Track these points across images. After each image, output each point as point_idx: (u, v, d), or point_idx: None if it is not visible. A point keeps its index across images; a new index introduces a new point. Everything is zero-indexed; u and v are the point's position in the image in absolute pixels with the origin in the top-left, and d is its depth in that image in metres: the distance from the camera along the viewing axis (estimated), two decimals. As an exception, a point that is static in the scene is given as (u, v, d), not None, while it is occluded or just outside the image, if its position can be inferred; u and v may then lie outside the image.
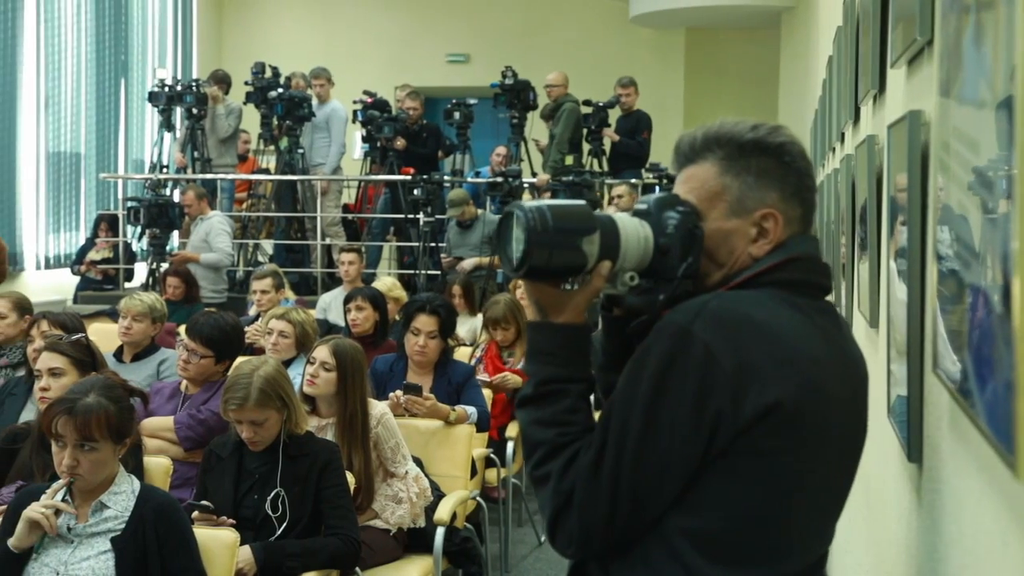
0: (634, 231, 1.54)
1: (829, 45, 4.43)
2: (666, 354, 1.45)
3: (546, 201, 1.50)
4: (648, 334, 1.51)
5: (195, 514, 3.11)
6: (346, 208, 9.85)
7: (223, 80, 9.74)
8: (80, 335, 3.72)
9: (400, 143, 9.16)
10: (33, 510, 2.65)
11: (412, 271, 8.67)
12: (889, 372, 2.02)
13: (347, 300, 5.63)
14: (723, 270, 1.58)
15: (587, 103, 9.41)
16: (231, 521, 3.14)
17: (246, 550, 3.12)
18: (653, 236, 1.55)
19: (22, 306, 5.02)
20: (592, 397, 1.61)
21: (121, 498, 2.74)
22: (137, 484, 2.80)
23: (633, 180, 8.92)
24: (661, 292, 1.55)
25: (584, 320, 1.58)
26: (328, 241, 9.25)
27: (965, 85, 1.27)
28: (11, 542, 2.65)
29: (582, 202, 1.56)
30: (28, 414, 4.01)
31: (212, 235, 8.08)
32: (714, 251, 1.57)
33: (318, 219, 9.16)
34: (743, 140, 1.57)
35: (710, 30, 12.20)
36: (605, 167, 9.58)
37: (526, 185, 8.55)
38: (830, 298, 1.63)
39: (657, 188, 8.36)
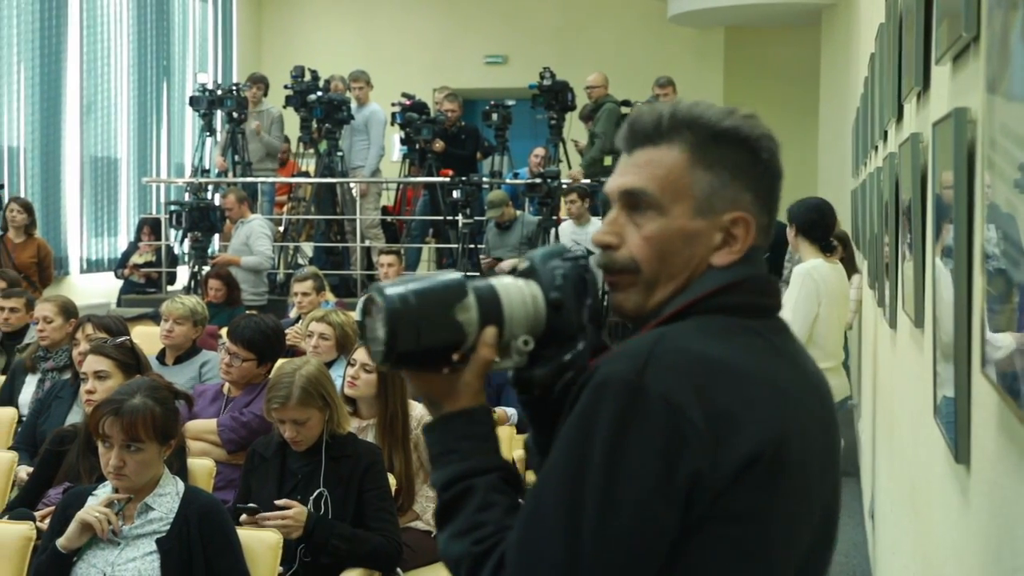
0: (516, 290, 1.34)
1: (871, 42, 4.39)
2: (616, 416, 1.18)
3: (411, 284, 1.30)
4: (578, 393, 1.24)
5: (243, 518, 3.13)
6: (385, 210, 9.88)
7: (260, 81, 9.80)
8: (125, 338, 3.76)
9: (439, 145, 9.18)
10: (88, 512, 2.68)
11: (451, 273, 8.68)
12: (935, 373, 1.99)
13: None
14: (674, 282, 1.32)
15: (626, 103, 9.38)
16: (285, 501, 3.16)
17: (301, 508, 3.14)
18: (542, 293, 1.35)
19: (67, 310, 5.09)
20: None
21: (166, 500, 2.77)
22: (182, 486, 2.83)
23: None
24: (567, 353, 1.34)
25: (482, 401, 1.33)
26: (367, 243, 9.29)
27: (1013, 81, 1.25)
28: (60, 542, 2.68)
29: (451, 274, 1.36)
30: (74, 417, 4.06)
31: (252, 238, 8.13)
32: (671, 255, 1.31)
33: (357, 221, 9.20)
34: (719, 127, 1.32)
35: (750, 29, 12.13)
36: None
37: (564, 185, 8.53)
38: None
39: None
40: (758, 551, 1.22)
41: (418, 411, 3.90)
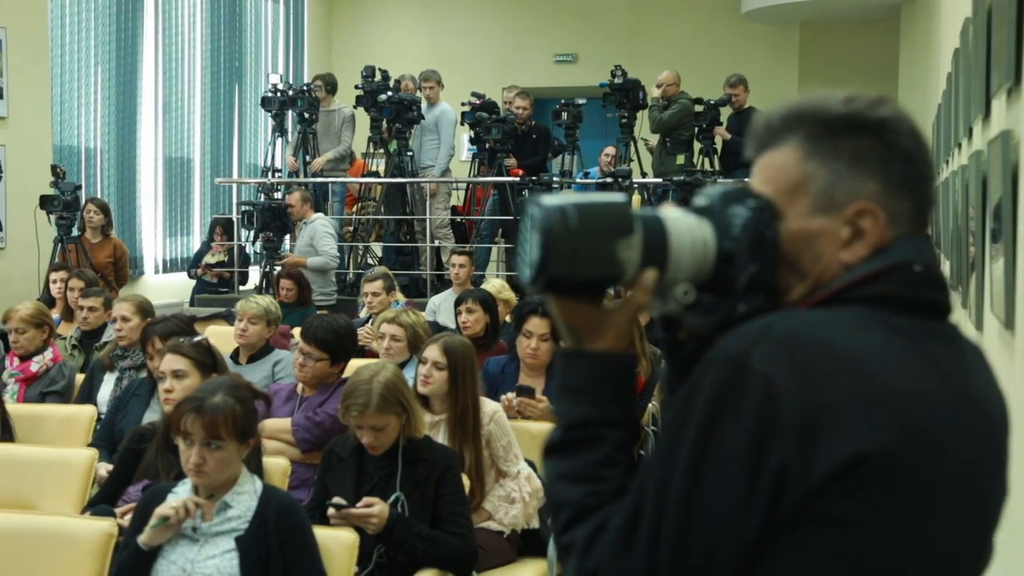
0: (688, 232, 1.22)
1: (955, 37, 4.28)
2: (715, 393, 1.13)
3: (572, 196, 1.20)
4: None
5: (331, 512, 3.14)
6: (454, 210, 9.90)
7: (329, 82, 9.87)
8: (202, 337, 3.79)
9: (511, 162, 9.15)
10: (166, 505, 2.71)
11: (521, 273, 8.66)
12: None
13: (458, 302, 5.65)
14: (807, 282, 1.23)
15: (698, 101, 9.29)
16: (368, 500, 3.17)
17: (384, 506, 3.16)
18: (715, 239, 1.22)
19: (144, 309, 5.15)
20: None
21: (244, 498, 2.78)
22: (259, 484, 2.85)
23: (746, 179, 8.76)
24: (725, 311, 1.22)
25: (626, 348, 1.26)
26: (437, 243, 9.31)
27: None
28: (141, 539, 2.71)
29: (619, 196, 1.23)
30: (151, 415, 4.11)
31: (316, 238, 8.18)
32: (795, 258, 1.23)
33: (427, 221, 9.22)
34: (832, 116, 1.24)
35: (825, 24, 11.95)
36: (716, 166, 9.45)
37: (635, 185, 8.46)
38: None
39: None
40: (850, 566, 1.12)
41: (489, 407, 3.89)
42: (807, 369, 1.12)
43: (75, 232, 7.99)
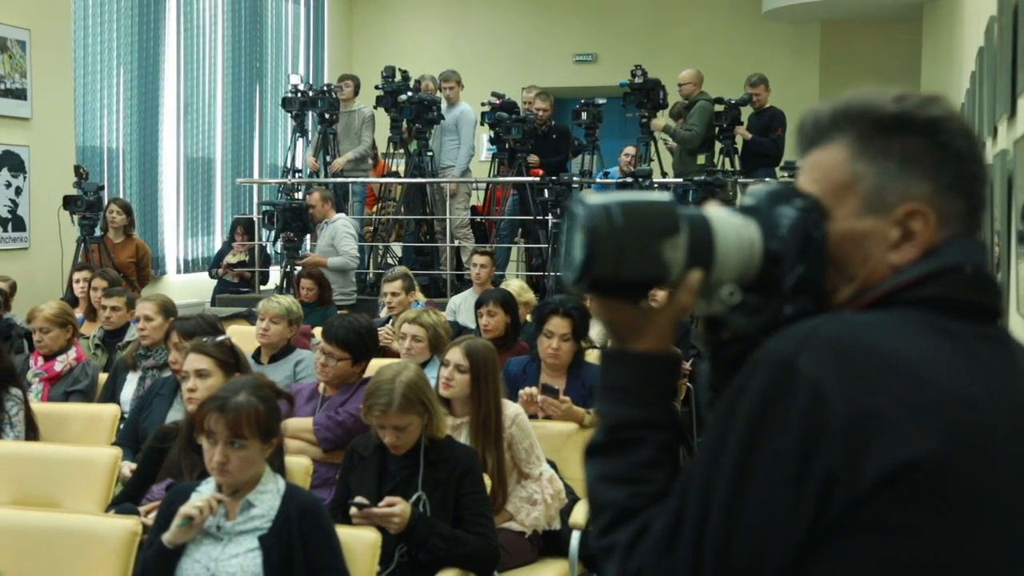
0: (734, 232, 1.20)
1: (979, 36, 4.25)
2: (761, 396, 1.11)
3: (617, 195, 1.17)
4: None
5: (352, 511, 3.15)
6: (474, 210, 9.90)
7: (357, 82, 9.90)
8: (224, 336, 3.81)
9: (533, 159, 9.16)
10: (190, 504, 2.73)
11: (541, 273, 8.67)
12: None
13: (479, 304, 5.65)
14: (853, 284, 1.21)
15: (719, 101, 9.27)
16: (390, 499, 3.18)
17: (406, 505, 3.17)
18: (761, 239, 1.20)
19: (167, 309, 5.18)
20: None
21: (267, 497, 2.79)
22: (282, 484, 2.86)
23: (767, 179, 8.75)
24: (770, 312, 1.20)
25: (670, 348, 1.24)
26: (457, 243, 9.32)
27: None
28: (166, 538, 2.72)
29: (664, 195, 1.22)
30: (175, 414, 4.13)
31: (337, 239, 8.19)
32: (843, 260, 1.21)
33: (447, 221, 9.23)
34: (883, 114, 1.22)
35: (847, 23, 11.89)
36: (737, 166, 9.43)
37: (655, 185, 8.45)
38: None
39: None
40: (902, 571, 1.09)
41: (511, 410, 3.89)
42: (855, 373, 1.09)
43: (98, 232, 8.03)
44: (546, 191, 8.32)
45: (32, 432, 4.24)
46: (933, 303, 1.17)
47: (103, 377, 5.14)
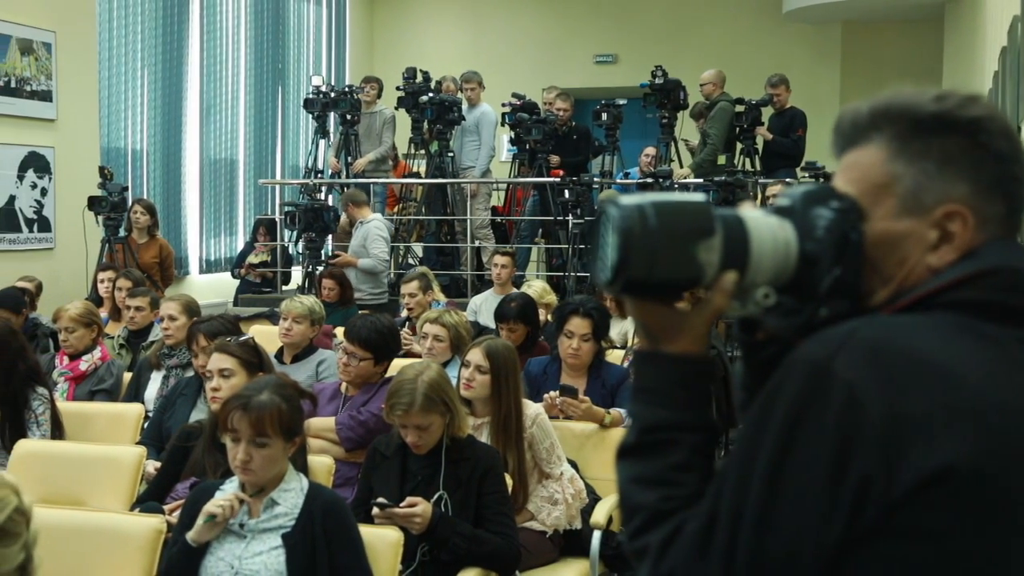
0: (770, 234, 1.18)
1: (1002, 35, 4.24)
2: (796, 399, 1.10)
3: (651, 196, 1.16)
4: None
5: (375, 511, 3.17)
6: (495, 211, 9.92)
7: (373, 82, 9.93)
8: (248, 336, 3.84)
9: (555, 159, 9.17)
10: (214, 502, 2.75)
11: (561, 273, 8.68)
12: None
13: (499, 318, 5.52)
14: (890, 286, 1.20)
15: (739, 101, 9.25)
16: (411, 500, 3.19)
17: (428, 505, 3.19)
18: (797, 240, 1.19)
19: (191, 309, 5.22)
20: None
21: (291, 495, 2.81)
22: (306, 482, 2.87)
23: (788, 179, 8.72)
24: (805, 315, 1.19)
25: (705, 350, 1.23)
26: (477, 244, 9.33)
27: None
28: (190, 536, 2.75)
29: (699, 196, 1.20)
30: (198, 413, 4.16)
31: (369, 240, 8.22)
32: (880, 261, 1.20)
33: (467, 222, 9.25)
34: (922, 114, 1.19)
35: (868, 23, 11.85)
36: (758, 166, 9.41)
37: (676, 186, 8.44)
38: None
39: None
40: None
41: (532, 410, 3.90)
42: (892, 377, 1.08)
43: (122, 232, 8.09)
44: (566, 192, 8.32)
45: (58, 431, 4.29)
46: (971, 306, 1.15)
47: (127, 376, 5.18)
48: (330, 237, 9.35)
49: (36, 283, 6.94)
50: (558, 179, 8.61)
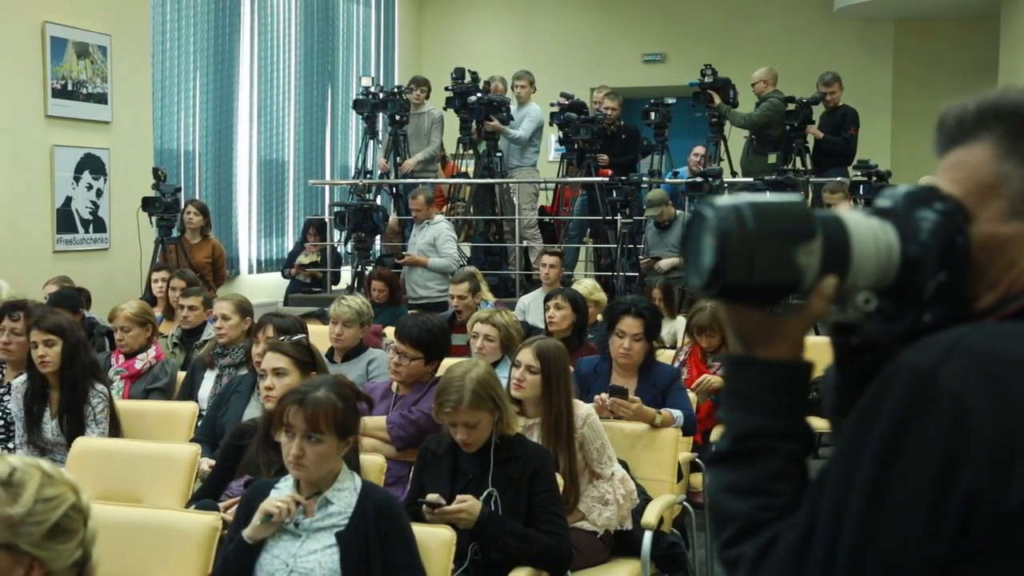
0: (871, 237, 1.14)
1: (1061, 32, 4.17)
2: (900, 408, 1.05)
3: (748, 197, 1.11)
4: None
5: (424, 509, 3.18)
6: (543, 211, 9.92)
7: (423, 84, 9.97)
8: (301, 336, 3.87)
9: (603, 158, 9.15)
10: (270, 501, 2.77)
11: (610, 273, 8.66)
12: None
13: (548, 298, 5.65)
14: (996, 292, 1.15)
15: (790, 100, 9.18)
16: (461, 497, 3.20)
17: (475, 501, 3.19)
18: (899, 243, 1.14)
19: (244, 308, 5.27)
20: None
21: (345, 494, 2.83)
22: (359, 481, 2.89)
23: (839, 178, 8.64)
24: (906, 320, 1.14)
25: (802, 356, 1.18)
26: (525, 244, 9.34)
27: None
28: (246, 533, 2.77)
29: (796, 197, 1.15)
30: (252, 411, 4.20)
31: (440, 240, 8.26)
32: (986, 265, 1.14)
33: (516, 222, 9.26)
34: None
35: (921, 20, 11.70)
36: (809, 165, 9.33)
37: (726, 185, 8.39)
38: None
39: (862, 188, 8.04)
40: None
41: (583, 410, 3.89)
42: (1001, 389, 1.04)
43: (175, 233, 8.20)
44: (615, 191, 8.30)
45: (115, 429, 4.35)
46: None
47: (181, 375, 5.24)
48: (379, 237, 9.40)
49: (85, 293, 6.97)
50: (606, 179, 8.59)
